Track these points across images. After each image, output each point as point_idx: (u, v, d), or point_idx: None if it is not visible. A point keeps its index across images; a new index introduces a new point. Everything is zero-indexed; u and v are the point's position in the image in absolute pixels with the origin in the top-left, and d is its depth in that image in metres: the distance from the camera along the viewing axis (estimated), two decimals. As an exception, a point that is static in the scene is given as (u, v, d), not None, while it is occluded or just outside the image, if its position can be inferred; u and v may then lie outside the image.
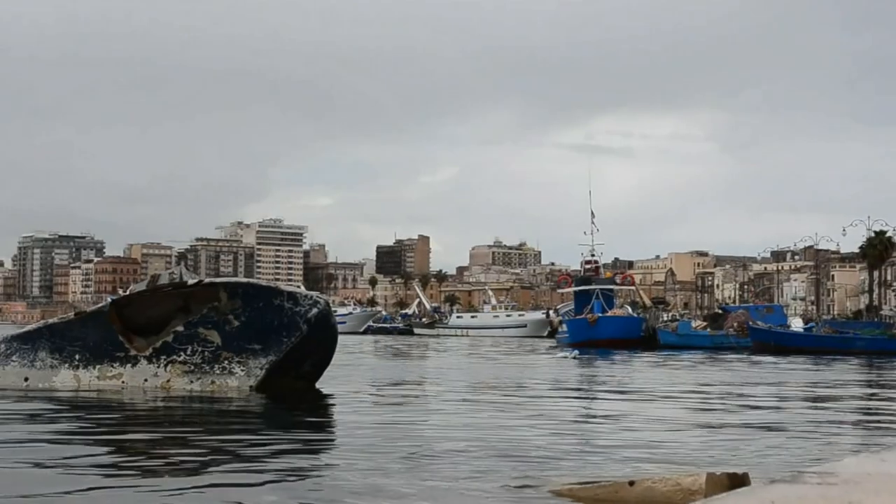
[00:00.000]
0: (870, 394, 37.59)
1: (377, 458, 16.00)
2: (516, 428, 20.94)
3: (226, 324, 30.23)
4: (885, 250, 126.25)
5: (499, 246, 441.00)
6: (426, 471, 14.59)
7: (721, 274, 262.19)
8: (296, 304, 30.37)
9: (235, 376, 30.31)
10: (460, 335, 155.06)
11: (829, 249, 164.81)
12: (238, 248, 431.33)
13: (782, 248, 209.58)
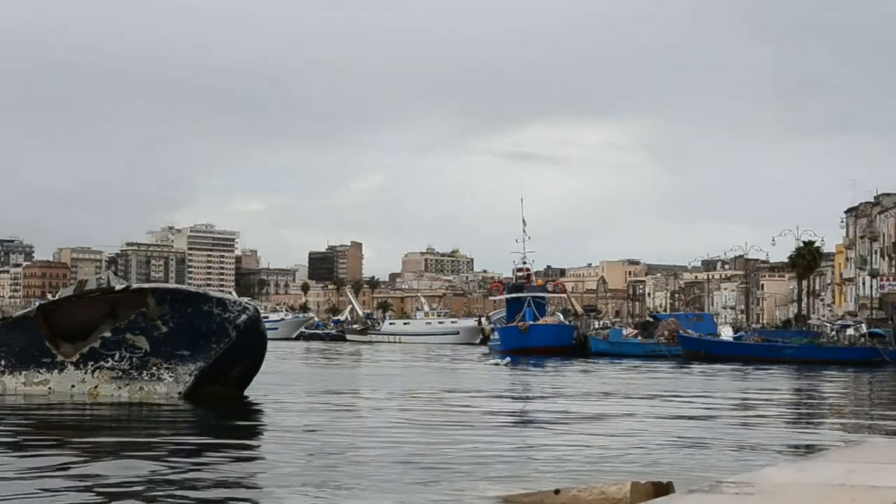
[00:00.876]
0: (796, 402, 37.93)
1: (303, 467, 15.91)
2: (447, 436, 20.92)
3: (154, 330, 30.00)
4: (813, 260, 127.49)
5: (431, 253, 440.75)
6: (353, 481, 14.52)
7: (652, 282, 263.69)
8: (225, 310, 30.19)
9: (164, 382, 30.09)
10: (392, 342, 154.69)
11: (759, 259, 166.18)
12: (169, 253, 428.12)
13: (713, 258, 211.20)
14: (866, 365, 74.07)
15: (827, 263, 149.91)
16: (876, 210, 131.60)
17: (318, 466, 15.95)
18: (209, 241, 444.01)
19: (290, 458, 16.99)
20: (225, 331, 30.00)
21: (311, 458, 16.97)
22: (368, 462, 16.52)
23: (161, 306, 29.98)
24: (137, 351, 30.10)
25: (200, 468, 15.90)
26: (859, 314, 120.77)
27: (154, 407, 27.91)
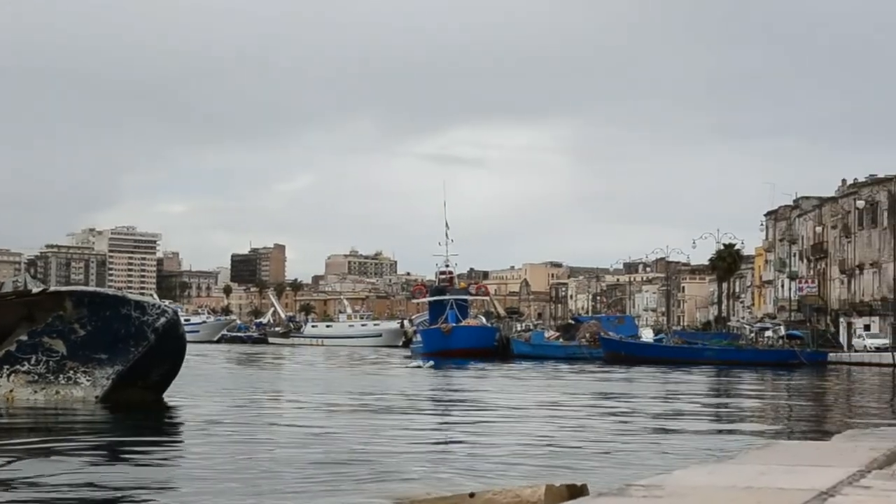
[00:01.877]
0: (714, 404, 38.21)
1: (221, 471, 15.78)
2: (366, 440, 20.86)
3: (71, 333, 29.67)
4: (733, 263, 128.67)
5: (355, 255, 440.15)
6: (271, 485, 14.43)
7: (574, 285, 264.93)
8: (143, 313, 29.95)
9: (81, 386, 29.76)
10: (315, 344, 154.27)
11: (680, 262, 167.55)
12: (90, 255, 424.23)
13: (635, 260, 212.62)
14: (784, 367, 74.89)
15: (747, 266, 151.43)
16: (795, 213, 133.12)
17: (235, 469, 15.82)
18: (131, 243, 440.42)
19: (207, 462, 16.85)
20: (143, 334, 29.76)
21: (228, 462, 16.83)
22: (285, 464, 16.42)
23: (78, 309, 29.66)
24: (54, 354, 29.74)
25: (115, 472, 15.73)
26: (778, 316, 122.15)
27: (70, 410, 27.59)
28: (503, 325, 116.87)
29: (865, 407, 38.10)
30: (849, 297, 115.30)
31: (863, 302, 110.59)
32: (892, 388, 52.22)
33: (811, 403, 40.22)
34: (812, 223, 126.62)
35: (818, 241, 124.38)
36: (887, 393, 48.21)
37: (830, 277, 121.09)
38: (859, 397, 45.27)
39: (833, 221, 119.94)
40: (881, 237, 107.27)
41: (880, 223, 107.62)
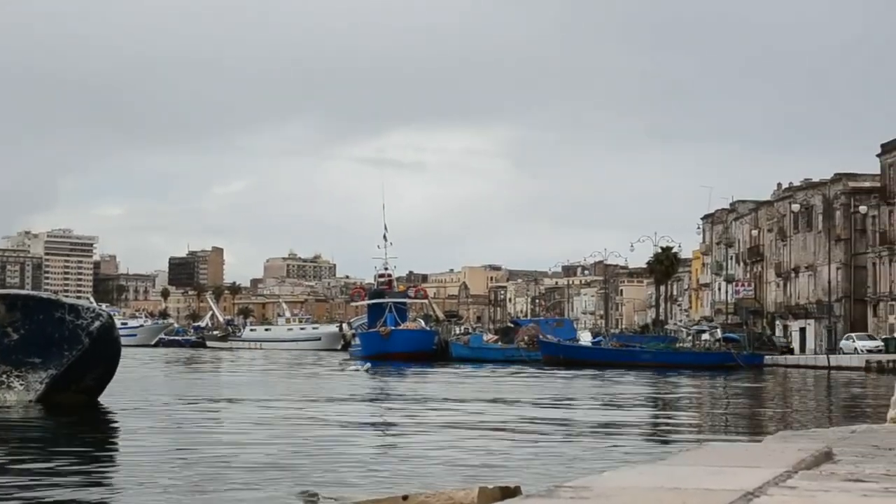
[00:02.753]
0: (650, 407, 38.42)
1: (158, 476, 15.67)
2: (303, 441, 20.80)
3: (4, 336, 29.40)
4: (671, 266, 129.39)
5: (294, 258, 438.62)
6: (209, 491, 14.34)
7: (513, 288, 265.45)
8: (78, 316, 29.71)
9: (14, 390, 29.47)
10: (253, 348, 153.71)
11: (618, 265, 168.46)
12: (25, 258, 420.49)
13: (573, 263, 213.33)
14: (721, 369, 75.33)
15: (684, 269, 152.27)
16: (731, 217, 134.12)
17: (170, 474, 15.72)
18: (67, 245, 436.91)
19: (141, 466, 16.74)
20: (78, 337, 29.52)
21: (162, 466, 16.72)
22: (221, 468, 16.34)
23: (12, 313, 29.39)
24: (-14, 358, 29.44)
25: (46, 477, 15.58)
26: (715, 319, 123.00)
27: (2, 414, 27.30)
28: (442, 329, 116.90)
29: (799, 409, 38.45)
30: (785, 299, 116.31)
31: (798, 305, 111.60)
32: (828, 390, 52.69)
33: (747, 406, 40.53)
34: (748, 227, 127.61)
35: (754, 244, 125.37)
36: (822, 395, 48.66)
37: (766, 280, 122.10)
38: (794, 399, 45.68)
39: (769, 225, 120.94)
40: (816, 241, 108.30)
41: (815, 227, 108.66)
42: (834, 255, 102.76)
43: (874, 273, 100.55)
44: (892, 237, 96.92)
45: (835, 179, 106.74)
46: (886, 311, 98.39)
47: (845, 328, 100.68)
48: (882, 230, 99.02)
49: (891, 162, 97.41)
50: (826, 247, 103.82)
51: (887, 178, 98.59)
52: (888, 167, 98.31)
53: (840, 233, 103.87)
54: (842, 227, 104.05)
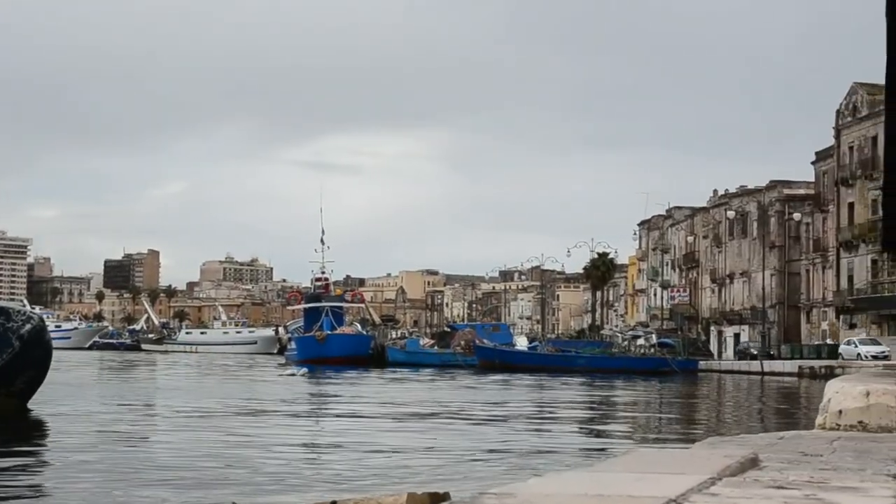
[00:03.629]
0: (585, 412, 38.51)
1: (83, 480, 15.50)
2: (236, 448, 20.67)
3: (-67, 339, 29.02)
4: (607, 271, 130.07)
5: (230, 262, 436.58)
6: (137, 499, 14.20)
7: (451, 292, 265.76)
8: (8, 319, 29.39)
9: (-58, 394, 29.11)
10: (189, 352, 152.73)
11: (555, 270, 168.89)
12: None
13: (510, 268, 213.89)
14: (656, 374, 75.77)
15: (621, 275, 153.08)
16: (668, 223, 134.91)
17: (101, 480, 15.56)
18: (0, 247, 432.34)
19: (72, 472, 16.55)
20: (7, 341, 29.19)
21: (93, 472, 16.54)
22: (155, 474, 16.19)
23: (-60, 315, 29.02)
24: (-86, 361, 29.04)
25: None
26: (650, 324, 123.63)
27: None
28: (378, 333, 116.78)
29: (731, 414, 38.68)
30: (719, 305, 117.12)
31: (733, 311, 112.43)
32: (761, 395, 53.07)
33: (679, 411, 40.74)
34: (684, 233, 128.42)
35: (690, 250, 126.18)
36: (754, 401, 48.99)
37: (702, 286, 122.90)
38: (727, 405, 45.96)
39: (704, 231, 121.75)
40: (751, 247, 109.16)
41: (750, 233, 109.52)
42: (768, 262, 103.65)
43: (808, 280, 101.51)
44: (825, 244, 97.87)
45: (770, 187, 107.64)
46: (819, 317, 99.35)
47: (779, 334, 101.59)
48: (816, 237, 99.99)
49: (825, 170, 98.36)
50: (760, 253, 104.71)
51: (821, 186, 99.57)
52: (822, 175, 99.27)
53: (774, 240, 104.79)
54: (776, 233, 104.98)
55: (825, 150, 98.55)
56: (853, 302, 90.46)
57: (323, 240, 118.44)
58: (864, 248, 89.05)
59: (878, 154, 69.86)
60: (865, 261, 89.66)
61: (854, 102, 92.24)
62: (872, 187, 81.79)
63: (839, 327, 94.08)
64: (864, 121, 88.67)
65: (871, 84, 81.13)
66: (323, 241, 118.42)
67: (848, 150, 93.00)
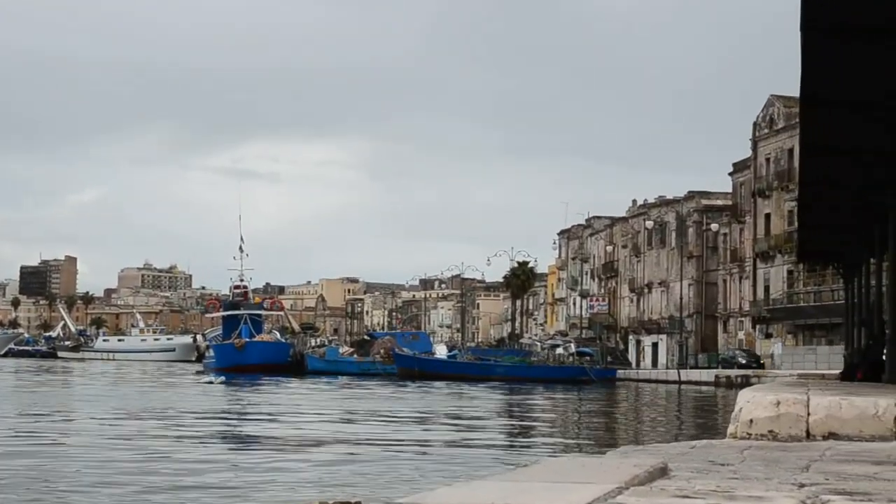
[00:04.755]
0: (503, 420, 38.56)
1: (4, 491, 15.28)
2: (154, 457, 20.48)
3: None
4: (527, 280, 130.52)
5: (149, 269, 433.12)
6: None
7: (371, 300, 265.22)
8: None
9: None
10: (106, 359, 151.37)
11: (475, 278, 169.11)
12: None
13: (430, 277, 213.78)
14: (574, 383, 76.09)
15: (540, 283, 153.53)
16: (587, 232, 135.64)
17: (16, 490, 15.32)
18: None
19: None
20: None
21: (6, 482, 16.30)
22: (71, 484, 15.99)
23: None
24: None
25: None
26: (570, 333, 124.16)
27: None
28: (297, 341, 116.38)
29: (646, 423, 38.90)
30: (638, 314, 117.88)
31: (651, 320, 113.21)
32: (678, 404, 53.45)
33: (596, 420, 40.90)
34: (603, 242, 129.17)
35: (609, 259, 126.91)
36: (671, 410, 49.32)
37: (620, 296, 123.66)
38: (642, 414, 46.22)
39: (623, 241, 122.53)
40: (669, 257, 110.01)
41: (668, 243, 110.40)
42: (686, 272, 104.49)
43: (725, 290, 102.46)
44: (742, 255, 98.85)
45: (688, 197, 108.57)
46: (736, 327, 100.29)
47: (696, 344, 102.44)
48: (733, 248, 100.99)
49: (742, 181, 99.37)
50: (678, 263, 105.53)
51: (738, 197, 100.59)
52: (739, 186, 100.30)
53: (692, 250, 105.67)
54: (694, 244, 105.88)
55: (742, 161, 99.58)
56: (769, 312, 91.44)
57: (242, 247, 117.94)
58: (780, 258, 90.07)
59: (795, 166, 70.64)
60: (781, 271, 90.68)
61: (771, 115, 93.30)
62: (789, 199, 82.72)
63: (755, 337, 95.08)
64: (781, 133, 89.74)
65: (788, 97, 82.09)
66: (242, 248, 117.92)
67: (765, 162, 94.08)
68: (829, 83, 16.84)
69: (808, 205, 28.89)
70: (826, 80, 16.53)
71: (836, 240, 33.95)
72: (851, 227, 29.67)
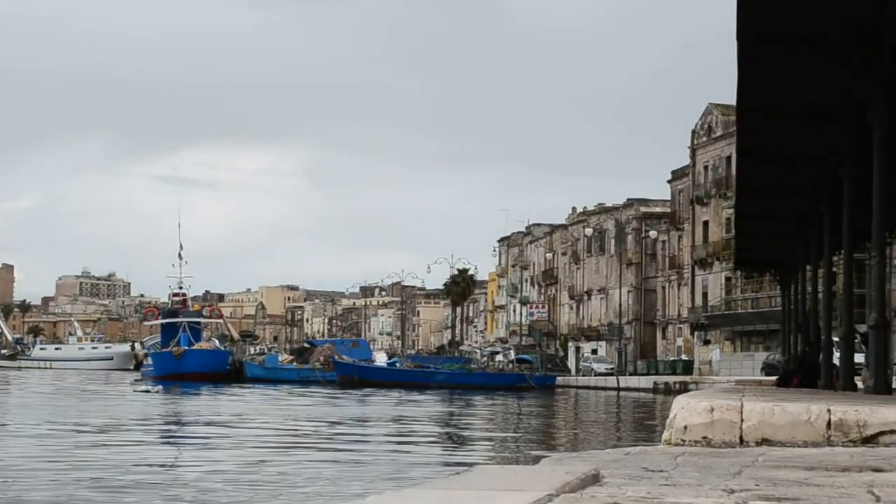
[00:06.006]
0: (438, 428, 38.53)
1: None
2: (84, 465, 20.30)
3: None
4: (467, 288, 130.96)
5: (87, 276, 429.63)
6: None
7: (311, 308, 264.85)
8: None
9: None
10: (44, 368, 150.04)
11: (416, 286, 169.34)
12: None
13: (370, 284, 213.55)
14: (514, 390, 76.16)
15: (480, 291, 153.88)
16: (527, 240, 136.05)
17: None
18: None
19: None
20: None
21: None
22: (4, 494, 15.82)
23: None
24: None
25: None
26: (510, 340, 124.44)
27: None
28: (237, 349, 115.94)
29: (584, 430, 38.99)
30: (577, 321, 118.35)
31: (591, 327, 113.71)
32: (617, 411, 53.65)
33: (534, 427, 40.94)
34: (543, 250, 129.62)
35: (549, 267, 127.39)
36: (609, 416, 49.50)
37: (560, 303, 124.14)
38: (581, 421, 46.33)
39: (563, 248, 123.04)
40: (608, 264, 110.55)
41: (608, 250, 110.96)
42: (625, 279, 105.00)
43: (663, 296, 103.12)
44: (680, 262, 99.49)
45: (627, 205, 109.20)
46: (675, 333, 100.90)
47: (635, 350, 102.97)
48: (671, 255, 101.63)
49: (680, 188, 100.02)
50: (618, 270, 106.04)
51: (677, 205, 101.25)
52: (678, 193, 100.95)
53: (631, 257, 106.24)
54: (633, 251, 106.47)
55: (681, 168, 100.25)
56: (707, 318, 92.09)
57: (181, 255, 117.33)
58: (718, 265, 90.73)
59: (732, 173, 71.15)
60: (719, 278, 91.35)
61: (709, 123, 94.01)
62: (726, 206, 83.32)
63: (694, 343, 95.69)
64: (719, 141, 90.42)
65: (726, 105, 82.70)
66: (181, 256, 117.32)
67: (703, 170, 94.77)
68: (765, 91, 16.98)
69: (745, 212, 29.09)
70: (762, 89, 16.67)
71: (772, 247, 34.22)
72: (788, 234, 29.92)
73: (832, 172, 20.05)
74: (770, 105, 17.86)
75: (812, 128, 19.01)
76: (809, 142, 20.00)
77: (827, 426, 9.49)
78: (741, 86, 15.91)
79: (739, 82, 15.73)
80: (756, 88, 16.37)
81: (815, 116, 18.34)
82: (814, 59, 15.44)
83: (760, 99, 17.25)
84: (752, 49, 14.50)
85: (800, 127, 19.04)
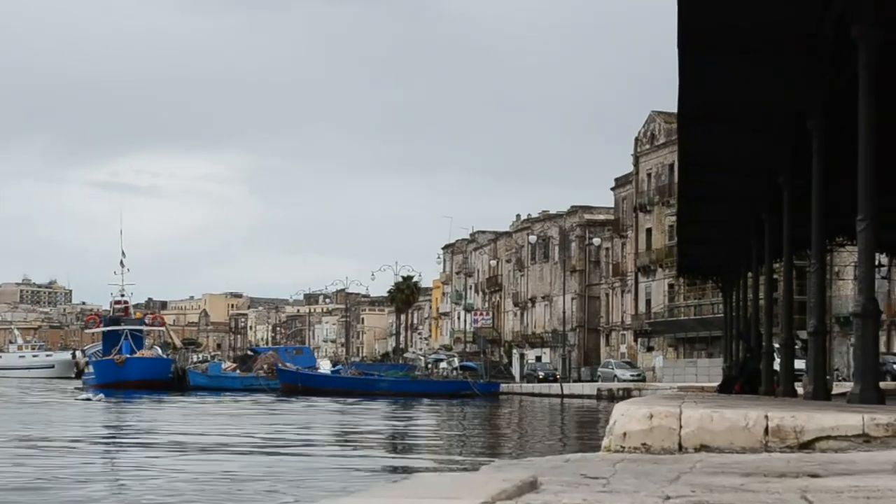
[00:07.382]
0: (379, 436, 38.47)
1: None
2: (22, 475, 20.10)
3: None
4: (411, 295, 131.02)
5: (27, 284, 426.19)
6: None
7: (254, 315, 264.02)
8: None
9: None
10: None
11: (360, 293, 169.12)
12: None
13: (314, 291, 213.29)
14: (458, 397, 76.26)
15: (425, 298, 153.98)
16: (471, 247, 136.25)
17: None
18: None
19: None
20: None
21: None
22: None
23: None
24: None
25: None
26: (454, 347, 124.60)
27: None
28: (179, 356, 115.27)
29: (525, 437, 39.04)
30: (522, 328, 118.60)
31: (535, 334, 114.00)
32: (561, 418, 53.76)
33: (477, 434, 40.95)
34: (487, 257, 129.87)
35: (493, 274, 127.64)
36: (552, 423, 49.59)
37: (504, 310, 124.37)
38: (523, 428, 46.38)
39: (507, 255, 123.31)
40: (552, 271, 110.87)
41: (552, 257, 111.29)
42: (569, 286, 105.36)
43: (607, 303, 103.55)
44: (624, 269, 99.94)
45: (571, 212, 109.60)
46: (618, 340, 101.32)
47: (580, 357, 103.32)
48: (615, 262, 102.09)
49: (624, 196, 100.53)
50: (562, 277, 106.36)
51: (620, 212, 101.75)
52: (621, 201, 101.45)
53: (575, 264, 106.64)
54: (577, 258, 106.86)
55: (624, 176, 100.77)
56: (651, 325, 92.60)
57: (123, 262, 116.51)
58: (661, 272, 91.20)
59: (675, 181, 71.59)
60: (663, 285, 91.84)
61: (652, 130, 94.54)
62: (669, 213, 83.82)
63: (637, 350, 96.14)
64: (662, 148, 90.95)
65: (669, 112, 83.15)
66: (123, 263, 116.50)
67: (646, 177, 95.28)
68: (706, 99, 17.06)
69: (687, 220, 29.25)
70: (703, 97, 16.75)
71: (714, 254, 34.42)
72: (729, 241, 30.11)
73: (773, 180, 20.19)
74: (711, 113, 17.95)
75: (753, 135, 19.15)
76: (751, 149, 20.13)
77: (765, 432, 9.52)
78: (682, 93, 15.98)
79: (680, 90, 15.79)
80: (697, 96, 16.45)
81: (756, 124, 18.47)
82: (755, 67, 15.54)
83: (701, 107, 17.34)
84: (693, 57, 14.56)
85: (741, 134, 19.17)
